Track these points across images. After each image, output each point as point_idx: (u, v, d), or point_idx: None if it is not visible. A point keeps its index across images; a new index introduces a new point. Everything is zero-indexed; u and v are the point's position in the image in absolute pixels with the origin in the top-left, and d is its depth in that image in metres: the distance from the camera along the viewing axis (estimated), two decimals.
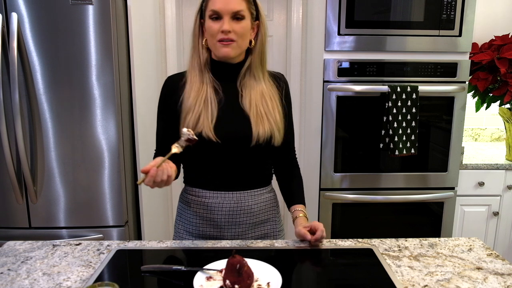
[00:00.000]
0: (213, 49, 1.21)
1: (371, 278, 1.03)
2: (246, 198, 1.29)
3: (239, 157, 1.26)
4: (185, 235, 1.34)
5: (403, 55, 2.16)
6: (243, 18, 1.18)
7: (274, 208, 1.38)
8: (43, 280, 1.02)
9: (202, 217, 1.30)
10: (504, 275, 1.04)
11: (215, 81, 1.25)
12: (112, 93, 1.88)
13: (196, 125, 1.20)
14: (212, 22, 1.17)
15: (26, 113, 1.87)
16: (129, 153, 2.08)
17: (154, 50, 2.49)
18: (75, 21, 1.81)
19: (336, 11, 2.09)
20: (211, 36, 1.18)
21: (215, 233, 1.30)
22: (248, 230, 1.31)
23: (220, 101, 1.24)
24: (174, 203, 2.91)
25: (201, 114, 1.21)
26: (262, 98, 1.24)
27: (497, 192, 2.36)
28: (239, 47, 1.20)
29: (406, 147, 2.14)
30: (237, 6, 1.16)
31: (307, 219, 1.29)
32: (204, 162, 1.27)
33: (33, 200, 1.93)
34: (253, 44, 1.24)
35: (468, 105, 2.33)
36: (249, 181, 1.30)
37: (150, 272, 1.05)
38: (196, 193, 1.31)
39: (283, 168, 1.39)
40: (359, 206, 2.27)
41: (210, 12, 1.17)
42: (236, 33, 1.17)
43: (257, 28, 1.24)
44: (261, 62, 1.26)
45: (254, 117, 1.23)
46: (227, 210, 1.28)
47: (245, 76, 1.26)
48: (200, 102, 1.21)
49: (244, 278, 0.93)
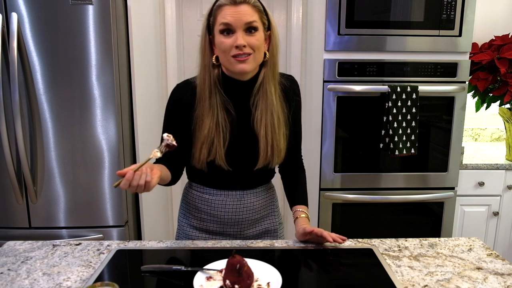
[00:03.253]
0: (227, 65, 1.14)
1: (371, 278, 1.03)
2: (249, 196, 1.30)
3: (245, 176, 1.28)
4: (188, 229, 1.35)
5: (403, 55, 2.15)
6: (257, 29, 1.11)
7: (273, 202, 1.40)
8: (43, 280, 1.02)
9: (205, 212, 1.31)
10: (504, 275, 1.04)
11: (227, 100, 1.20)
12: (112, 93, 1.88)
13: (209, 153, 1.19)
14: (223, 37, 1.10)
15: (26, 113, 1.87)
16: (129, 153, 2.08)
17: (154, 50, 2.49)
18: (75, 21, 1.81)
19: (336, 11, 2.09)
20: (224, 53, 1.11)
21: (218, 229, 1.32)
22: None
23: (232, 121, 1.20)
24: (174, 203, 2.91)
25: (213, 141, 1.18)
26: (271, 117, 1.20)
27: (497, 192, 2.36)
28: (255, 61, 1.14)
29: (406, 147, 2.14)
30: (250, 17, 1.09)
31: (309, 220, 1.29)
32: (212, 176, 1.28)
33: (33, 200, 1.93)
34: (267, 56, 1.18)
35: (468, 105, 2.33)
36: (252, 182, 1.31)
37: (150, 272, 1.05)
38: (200, 189, 1.32)
39: (289, 170, 1.39)
40: (359, 206, 2.27)
41: (220, 26, 1.10)
42: (252, 46, 1.11)
43: (269, 38, 1.18)
44: (273, 75, 1.20)
45: (263, 139, 1.20)
46: (230, 208, 1.29)
47: (258, 92, 1.20)
48: (213, 128, 1.18)
49: (244, 278, 0.93)
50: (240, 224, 1.31)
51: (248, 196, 1.30)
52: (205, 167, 1.23)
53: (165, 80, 2.70)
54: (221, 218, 1.30)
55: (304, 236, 1.20)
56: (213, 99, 1.18)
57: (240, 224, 1.31)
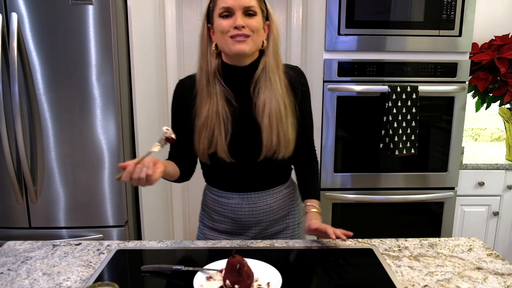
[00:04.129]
0: (225, 47, 1.14)
1: (371, 278, 1.03)
2: (265, 197, 1.29)
3: (251, 169, 1.25)
4: (208, 231, 1.35)
5: (403, 55, 2.15)
6: (255, 14, 1.13)
7: (293, 201, 1.37)
8: (43, 280, 1.02)
9: (223, 215, 1.31)
10: (504, 275, 1.04)
11: (227, 90, 1.19)
12: (112, 93, 1.88)
13: (210, 144, 1.18)
14: (223, 20, 1.12)
15: (26, 113, 1.87)
16: (129, 153, 2.08)
17: (154, 50, 2.49)
18: (75, 21, 1.81)
19: (336, 11, 2.09)
20: (222, 33, 1.12)
21: (239, 230, 1.31)
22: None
23: (233, 112, 1.19)
24: (174, 203, 2.91)
25: (214, 132, 1.17)
26: (277, 106, 1.17)
27: (497, 192, 2.36)
28: (254, 42, 1.14)
29: (406, 147, 2.14)
30: (249, 2, 1.11)
31: (320, 215, 1.28)
32: (220, 172, 1.28)
33: (33, 200, 1.93)
34: (265, 44, 1.19)
35: (468, 105, 2.33)
36: (266, 183, 1.30)
37: (150, 272, 1.05)
38: (216, 193, 1.32)
39: (301, 161, 1.37)
40: (359, 206, 2.27)
41: (220, 10, 1.12)
42: (251, 28, 1.12)
43: (268, 29, 1.19)
44: (277, 64, 1.19)
45: (266, 129, 1.18)
46: (246, 210, 1.28)
47: (260, 80, 1.18)
48: (212, 117, 1.17)
49: (244, 278, 0.93)
50: (259, 226, 1.30)
51: (264, 198, 1.29)
52: (207, 159, 1.23)
53: (165, 80, 2.70)
54: (239, 221, 1.29)
55: (310, 232, 1.22)
56: (212, 87, 1.18)
57: (259, 225, 1.30)
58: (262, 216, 1.29)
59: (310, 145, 1.37)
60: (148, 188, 2.29)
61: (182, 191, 2.94)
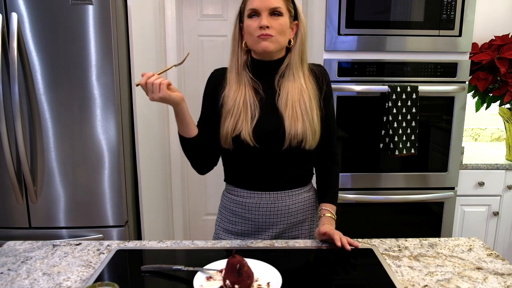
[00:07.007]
0: (253, 45, 1.22)
1: (371, 278, 1.03)
2: (284, 198, 1.29)
3: (275, 159, 1.26)
4: (224, 234, 1.35)
5: (403, 55, 2.15)
6: (281, 14, 1.19)
7: (312, 208, 1.37)
8: (43, 280, 1.02)
9: (240, 216, 1.31)
10: (504, 275, 1.04)
11: (254, 80, 1.26)
12: (112, 93, 1.88)
13: (235, 128, 1.22)
14: (251, 20, 1.20)
15: (26, 113, 1.87)
16: (129, 153, 2.08)
17: (154, 50, 2.49)
18: (75, 21, 1.81)
19: (336, 11, 2.09)
20: (250, 34, 1.20)
21: (253, 232, 1.31)
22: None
23: (261, 100, 1.25)
24: (174, 203, 2.91)
25: (240, 117, 1.23)
26: (301, 97, 1.23)
27: (497, 192, 2.36)
28: (277, 42, 1.20)
29: (406, 147, 2.14)
30: (275, 3, 1.18)
31: (334, 220, 1.29)
32: (242, 161, 1.29)
33: (33, 200, 1.93)
34: (292, 43, 1.25)
35: (468, 105, 2.33)
36: (286, 182, 1.30)
37: (150, 272, 1.05)
38: (235, 192, 1.32)
39: (322, 163, 1.38)
40: (359, 206, 2.27)
41: (248, 11, 1.20)
42: (274, 29, 1.18)
43: (296, 28, 1.26)
44: (301, 60, 1.26)
45: (289, 118, 1.22)
46: (264, 210, 1.29)
47: (284, 74, 1.26)
48: (239, 104, 1.23)
49: (244, 278, 0.93)
50: (275, 228, 1.30)
51: (282, 198, 1.29)
52: (231, 144, 1.24)
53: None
54: (256, 221, 1.30)
55: (320, 236, 1.22)
56: (241, 78, 1.26)
57: (275, 227, 1.30)
58: (279, 218, 1.29)
59: (332, 144, 1.37)
60: (148, 188, 2.29)
61: (182, 191, 2.94)
